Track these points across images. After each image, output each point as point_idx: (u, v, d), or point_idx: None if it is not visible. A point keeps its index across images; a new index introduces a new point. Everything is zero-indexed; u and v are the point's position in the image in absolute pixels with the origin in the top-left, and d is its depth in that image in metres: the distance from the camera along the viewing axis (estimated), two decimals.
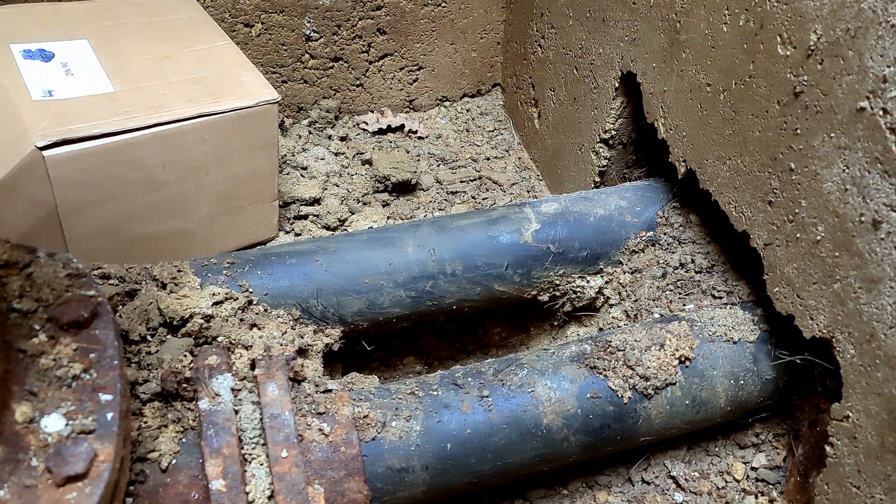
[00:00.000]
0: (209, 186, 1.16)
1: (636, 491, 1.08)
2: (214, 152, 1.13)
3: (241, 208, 1.22)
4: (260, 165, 1.20)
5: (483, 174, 1.58)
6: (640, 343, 0.98)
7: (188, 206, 1.15)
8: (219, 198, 1.18)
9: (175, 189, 1.12)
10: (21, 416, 0.62)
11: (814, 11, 0.81)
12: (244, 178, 1.19)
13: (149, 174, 1.08)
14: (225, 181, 1.17)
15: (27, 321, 0.68)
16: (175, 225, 1.15)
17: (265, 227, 1.28)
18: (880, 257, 0.78)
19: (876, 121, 0.75)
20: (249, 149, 1.16)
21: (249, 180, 1.20)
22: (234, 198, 1.20)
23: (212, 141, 1.11)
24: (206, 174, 1.14)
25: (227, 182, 1.18)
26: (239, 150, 1.15)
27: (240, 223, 1.24)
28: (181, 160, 1.10)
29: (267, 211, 1.26)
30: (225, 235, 1.23)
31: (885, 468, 0.79)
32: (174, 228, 1.15)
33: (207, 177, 1.14)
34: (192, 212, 1.16)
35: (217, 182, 1.16)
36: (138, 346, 0.88)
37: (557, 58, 1.42)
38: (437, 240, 1.08)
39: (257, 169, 1.20)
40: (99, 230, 1.08)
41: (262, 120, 1.15)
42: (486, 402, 0.92)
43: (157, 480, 0.77)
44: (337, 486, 0.83)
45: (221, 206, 1.19)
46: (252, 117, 1.13)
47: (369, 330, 1.08)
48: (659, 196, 1.19)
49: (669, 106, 1.09)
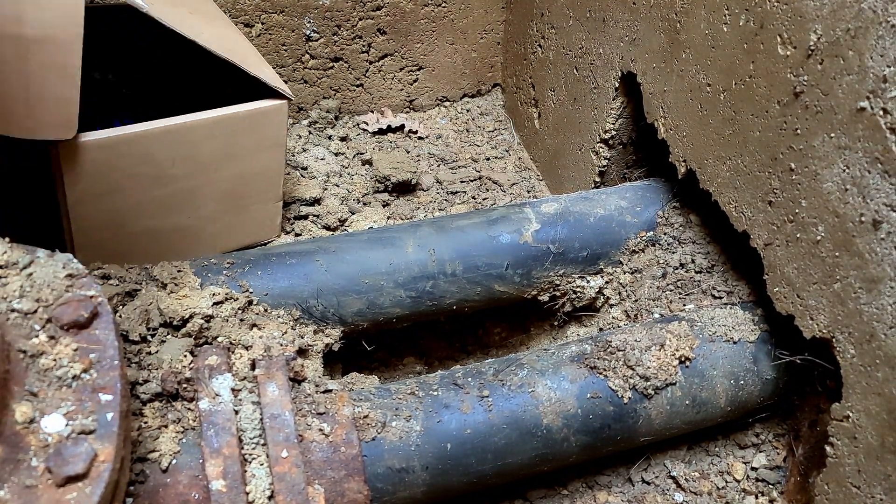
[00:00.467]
0: (216, 183, 1.16)
1: (636, 491, 1.08)
2: (224, 149, 1.13)
3: (245, 207, 1.22)
4: (267, 165, 1.20)
5: (483, 174, 1.58)
6: (641, 343, 0.98)
7: (195, 202, 1.15)
8: (225, 195, 1.18)
9: (183, 184, 1.12)
10: (21, 416, 0.62)
11: (814, 11, 0.81)
12: (251, 177, 1.19)
13: (158, 168, 1.08)
14: (232, 179, 1.17)
15: (27, 321, 0.68)
16: (180, 221, 1.15)
17: (268, 227, 1.28)
18: (880, 257, 0.78)
19: (876, 121, 0.75)
20: (258, 147, 1.16)
21: (256, 179, 1.20)
22: (240, 196, 1.20)
23: (222, 137, 1.11)
24: (215, 171, 1.14)
25: (235, 180, 1.18)
26: (248, 148, 1.15)
27: (243, 222, 1.24)
28: (191, 155, 1.10)
29: (271, 211, 1.26)
30: (228, 234, 1.23)
31: (885, 468, 0.79)
32: (179, 224, 1.16)
33: (216, 174, 1.14)
34: (197, 208, 1.16)
35: (225, 180, 1.16)
36: (138, 346, 0.88)
37: (557, 58, 1.42)
38: (437, 240, 1.08)
39: (264, 168, 1.20)
40: (105, 222, 1.09)
41: (272, 118, 1.15)
42: (486, 402, 0.92)
43: (158, 480, 0.77)
44: (337, 486, 0.83)
45: (227, 204, 1.19)
46: (263, 115, 1.13)
47: (369, 330, 1.08)
48: (659, 196, 1.19)
49: (669, 106, 1.09)
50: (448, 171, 1.57)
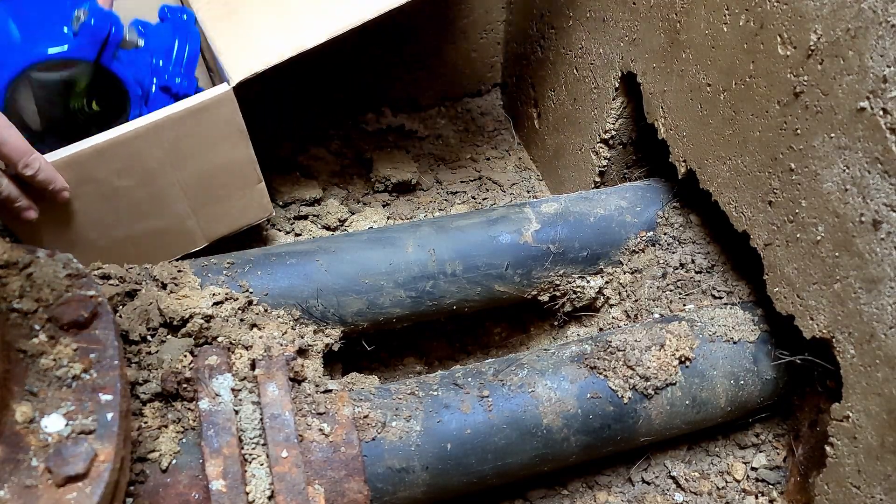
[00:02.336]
0: (179, 183, 1.11)
1: (636, 491, 1.08)
2: (172, 151, 1.07)
3: (225, 196, 1.17)
4: (231, 155, 1.14)
5: (483, 174, 1.58)
6: (641, 343, 0.98)
7: (161, 205, 1.11)
8: (195, 192, 1.13)
9: (141, 192, 1.08)
10: (21, 416, 0.62)
11: (814, 11, 0.81)
12: (217, 169, 1.13)
13: (103, 184, 1.04)
14: (197, 175, 1.12)
15: (27, 321, 0.68)
16: (153, 224, 1.12)
17: (255, 208, 1.23)
18: (880, 257, 0.78)
19: (876, 121, 0.75)
20: (214, 140, 1.10)
21: (225, 170, 1.15)
22: (213, 188, 1.15)
23: (166, 141, 1.06)
24: (172, 172, 1.09)
25: (200, 176, 1.12)
26: (202, 144, 1.09)
27: (227, 209, 1.19)
28: (135, 164, 1.05)
29: (254, 194, 1.20)
30: (214, 223, 1.19)
31: (885, 468, 0.79)
32: (154, 227, 1.12)
33: (174, 174, 1.09)
34: (167, 209, 1.12)
35: (188, 177, 1.11)
36: (138, 346, 0.88)
37: (557, 58, 1.42)
38: (437, 240, 1.08)
39: (230, 159, 1.14)
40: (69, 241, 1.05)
41: (218, 109, 1.08)
42: (486, 403, 0.92)
43: (158, 480, 0.77)
44: (337, 486, 0.83)
45: (201, 199, 1.15)
46: (207, 110, 1.07)
47: (369, 330, 1.08)
48: (659, 196, 1.19)
49: (669, 106, 1.09)
50: (448, 171, 1.57)
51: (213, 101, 1.07)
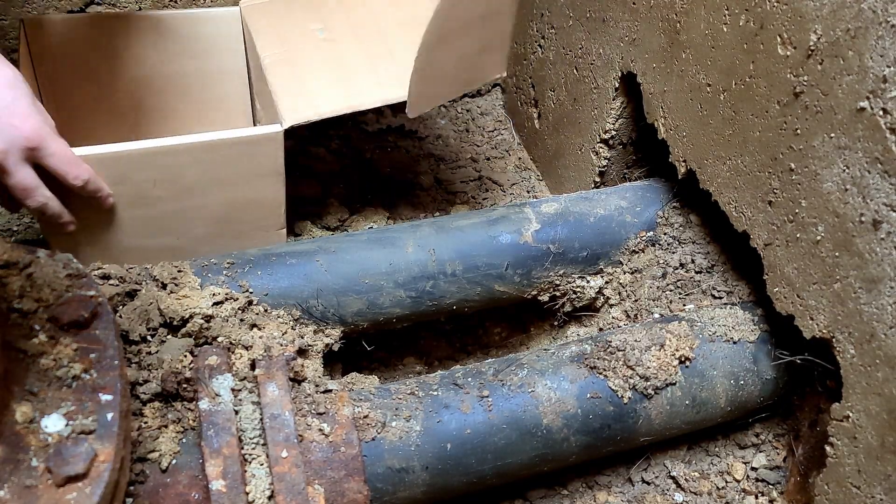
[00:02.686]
0: (206, 208, 1.13)
1: (636, 491, 1.08)
2: (210, 174, 1.09)
3: (244, 233, 1.19)
4: (264, 193, 1.16)
5: (483, 174, 1.57)
6: (640, 343, 0.98)
7: (183, 224, 1.13)
8: (217, 220, 1.15)
9: (168, 206, 1.09)
10: (21, 416, 0.62)
11: (814, 11, 0.81)
12: (245, 203, 1.16)
13: (137, 189, 1.05)
14: (224, 204, 1.14)
15: (27, 321, 0.68)
16: (168, 241, 1.13)
17: None
18: (880, 257, 0.78)
19: (876, 121, 0.76)
20: (252, 175, 1.13)
21: (252, 206, 1.17)
22: (235, 221, 1.17)
23: (209, 163, 1.08)
24: (202, 195, 1.11)
25: (227, 205, 1.14)
26: (240, 175, 1.12)
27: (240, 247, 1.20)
28: (173, 178, 1.07)
29: (273, 238, 1.23)
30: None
31: (885, 468, 0.79)
32: (168, 244, 1.13)
33: (203, 198, 1.11)
34: (187, 230, 1.14)
35: (215, 204, 1.13)
36: (138, 346, 0.88)
37: (557, 58, 1.42)
38: (437, 240, 1.08)
39: (261, 196, 1.16)
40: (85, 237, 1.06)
41: (266, 147, 1.12)
42: (486, 403, 0.92)
43: (157, 480, 0.77)
44: (337, 486, 0.83)
45: (220, 228, 1.16)
46: (255, 143, 1.10)
47: (369, 330, 1.08)
48: (659, 196, 1.19)
49: (669, 106, 1.09)
50: (448, 171, 1.57)
51: (264, 136, 1.10)
